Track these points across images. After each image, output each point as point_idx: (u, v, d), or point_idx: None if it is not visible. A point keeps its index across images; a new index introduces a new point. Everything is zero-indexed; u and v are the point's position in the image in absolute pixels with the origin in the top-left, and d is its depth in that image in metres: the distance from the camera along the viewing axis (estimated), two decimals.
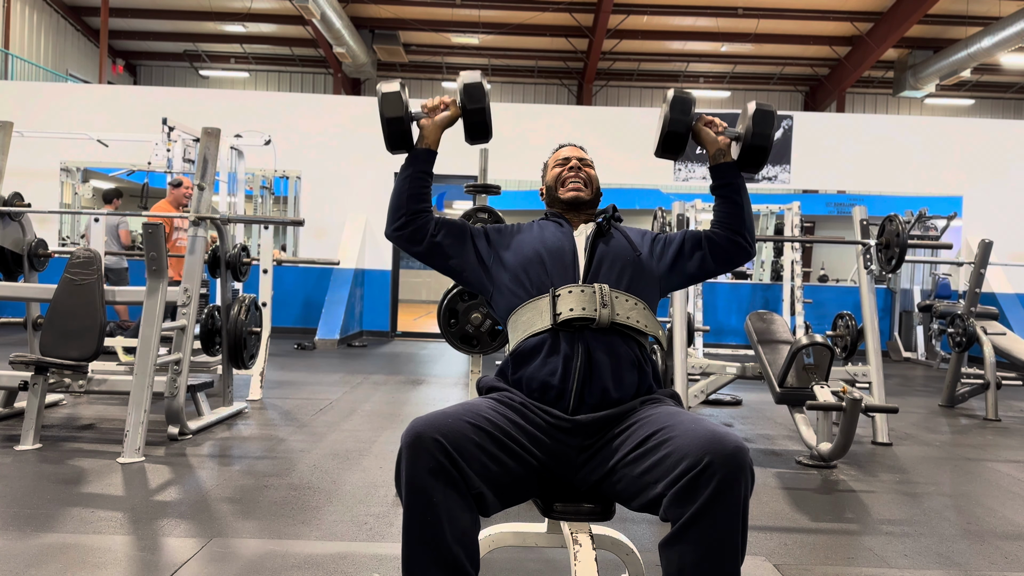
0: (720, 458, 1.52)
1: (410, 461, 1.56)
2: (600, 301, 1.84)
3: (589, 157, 2.20)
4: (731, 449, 1.54)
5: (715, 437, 1.56)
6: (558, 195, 2.11)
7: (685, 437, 1.59)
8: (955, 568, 2.62)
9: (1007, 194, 10.38)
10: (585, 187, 2.10)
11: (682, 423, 1.65)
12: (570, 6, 14.54)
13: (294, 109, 10.55)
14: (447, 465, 1.55)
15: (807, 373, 3.96)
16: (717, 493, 1.51)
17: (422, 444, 1.55)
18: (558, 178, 2.13)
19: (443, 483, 1.55)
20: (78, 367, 3.80)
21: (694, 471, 1.53)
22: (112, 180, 14.13)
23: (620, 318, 1.84)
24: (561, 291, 1.86)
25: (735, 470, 1.52)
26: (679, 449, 1.58)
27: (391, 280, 10.39)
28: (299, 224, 4.88)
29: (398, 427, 4.61)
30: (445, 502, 1.54)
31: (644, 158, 10.17)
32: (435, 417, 1.61)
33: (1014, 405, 6.23)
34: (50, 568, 2.32)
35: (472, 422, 1.63)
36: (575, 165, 2.12)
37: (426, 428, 1.57)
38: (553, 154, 2.21)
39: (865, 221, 4.92)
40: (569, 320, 1.82)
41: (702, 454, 1.53)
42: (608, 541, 1.98)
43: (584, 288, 1.86)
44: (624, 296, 1.89)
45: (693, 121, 2.05)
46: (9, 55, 13.82)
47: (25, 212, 4.65)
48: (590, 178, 2.13)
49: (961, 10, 13.90)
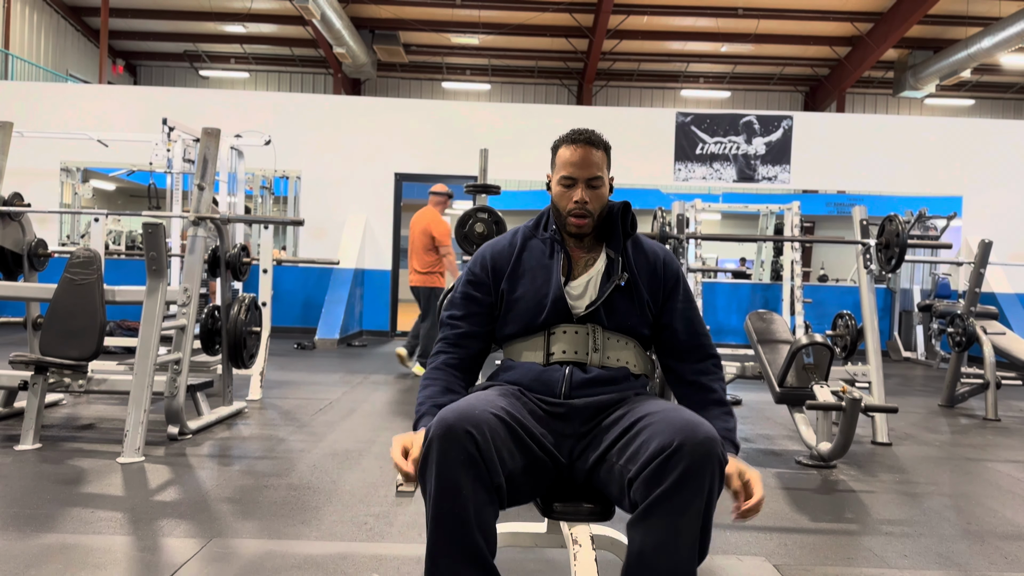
0: (690, 445, 1.55)
1: (441, 452, 1.56)
2: (592, 345, 1.87)
3: (600, 160, 1.93)
4: (701, 437, 1.56)
5: (688, 424, 1.59)
6: (562, 220, 1.95)
7: (661, 424, 1.63)
8: (955, 568, 2.62)
9: (1007, 194, 10.38)
10: (588, 217, 1.91)
11: (662, 411, 1.68)
12: (570, 6, 14.54)
13: (294, 109, 10.55)
14: (477, 457, 1.56)
15: (807, 373, 3.96)
16: (683, 478, 1.53)
17: (454, 436, 1.56)
18: (562, 198, 1.93)
19: (472, 475, 1.56)
20: (78, 367, 3.79)
21: (663, 455, 1.55)
22: (112, 180, 14.15)
23: (610, 361, 1.88)
24: (556, 330, 1.88)
25: (703, 457, 1.54)
26: (654, 435, 1.61)
27: (391, 280, 10.39)
28: (299, 224, 4.88)
29: (398, 427, 4.61)
30: (473, 494, 1.56)
31: (644, 158, 10.18)
32: (464, 408, 1.62)
33: (1014, 405, 6.23)
34: (50, 568, 2.32)
35: (496, 413, 1.65)
36: (581, 199, 1.89)
37: (458, 420, 1.58)
38: (563, 147, 1.94)
39: (865, 221, 4.92)
40: (561, 360, 1.87)
41: (672, 438, 1.56)
42: (608, 541, 1.98)
43: (578, 329, 1.88)
44: (616, 336, 1.90)
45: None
46: (9, 55, 13.82)
47: (25, 212, 4.65)
48: (598, 199, 1.91)
49: (961, 10, 13.91)
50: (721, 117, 10.60)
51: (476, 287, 1.96)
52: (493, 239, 2.05)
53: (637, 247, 1.97)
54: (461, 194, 5.42)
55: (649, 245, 2.00)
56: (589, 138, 1.93)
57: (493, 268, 1.95)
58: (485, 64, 17.85)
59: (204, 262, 4.48)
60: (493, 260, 1.96)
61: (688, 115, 10.59)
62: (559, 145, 1.97)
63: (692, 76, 18.12)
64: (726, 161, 10.47)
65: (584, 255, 1.95)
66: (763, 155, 10.47)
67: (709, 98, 18.56)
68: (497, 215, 4.07)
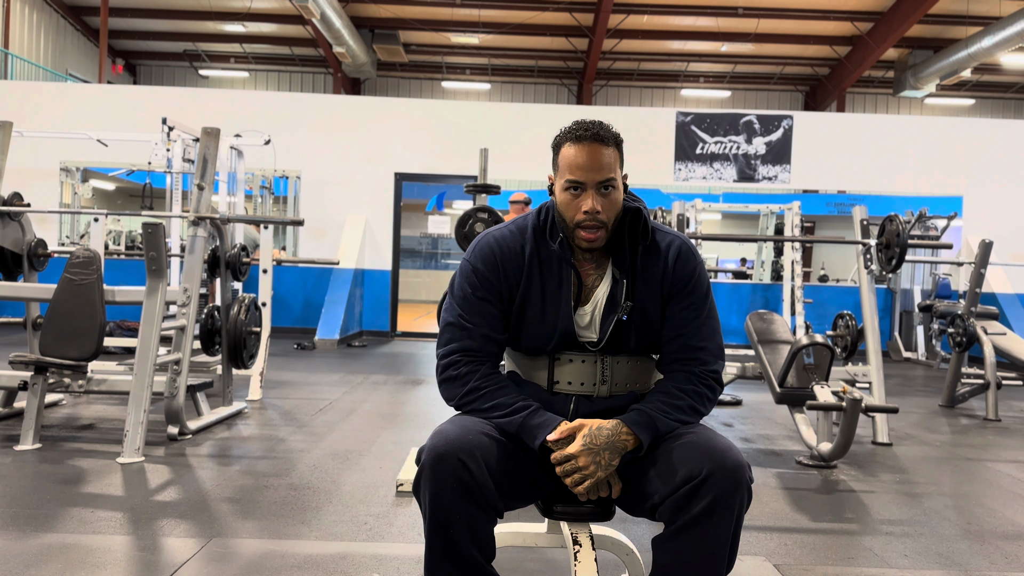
0: (719, 473, 1.52)
1: (433, 480, 1.54)
2: (600, 376, 1.75)
3: (612, 159, 1.68)
4: (731, 466, 1.53)
5: (716, 451, 1.56)
6: (570, 233, 1.71)
7: (687, 448, 1.59)
8: (955, 568, 2.62)
9: (1007, 194, 10.38)
10: (601, 228, 1.67)
11: (687, 432, 1.65)
12: (570, 6, 14.54)
13: (294, 109, 10.55)
14: (470, 483, 1.54)
15: (807, 373, 3.96)
16: (712, 508, 1.52)
17: (445, 465, 1.54)
18: (569, 208, 1.68)
19: (466, 500, 1.54)
20: (78, 367, 3.79)
21: (692, 483, 1.53)
22: (112, 180, 14.15)
23: (619, 388, 1.77)
24: (562, 357, 1.76)
25: (732, 487, 1.53)
26: (680, 459, 1.58)
27: (391, 280, 10.39)
28: (299, 224, 4.88)
29: (398, 427, 4.61)
30: (466, 516, 1.55)
31: (644, 158, 10.17)
32: (455, 435, 1.58)
33: (1014, 405, 6.23)
34: (50, 568, 2.32)
35: (489, 434, 1.62)
36: (592, 209, 1.65)
37: (448, 448, 1.55)
38: (567, 145, 1.69)
39: (865, 221, 4.92)
40: (566, 392, 1.76)
41: (701, 466, 1.53)
42: (608, 541, 1.98)
43: (585, 358, 1.75)
44: (626, 359, 1.77)
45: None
46: (9, 55, 13.82)
47: (25, 212, 4.65)
48: (611, 206, 1.67)
49: (961, 10, 13.90)
50: (721, 117, 10.59)
51: (488, 289, 1.74)
52: (497, 231, 1.78)
53: (651, 250, 1.75)
54: (461, 194, 5.42)
55: (665, 243, 1.75)
56: (597, 133, 1.67)
57: (504, 273, 1.74)
58: (485, 64, 17.84)
59: (204, 262, 4.48)
60: (504, 264, 1.74)
61: (688, 115, 10.58)
62: (562, 142, 1.70)
63: (692, 76, 18.11)
64: (726, 161, 10.47)
65: (593, 272, 1.76)
66: (763, 155, 10.47)
67: (709, 98, 18.55)
68: (497, 215, 4.05)
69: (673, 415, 1.66)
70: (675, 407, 1.67)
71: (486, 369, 1.72)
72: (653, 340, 1.77)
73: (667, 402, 1.68)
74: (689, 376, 1.71)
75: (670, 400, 1.68)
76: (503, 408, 1.66)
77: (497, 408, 1.67)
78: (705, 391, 1.71)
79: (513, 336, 1.78)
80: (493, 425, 1.66)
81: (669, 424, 1.65)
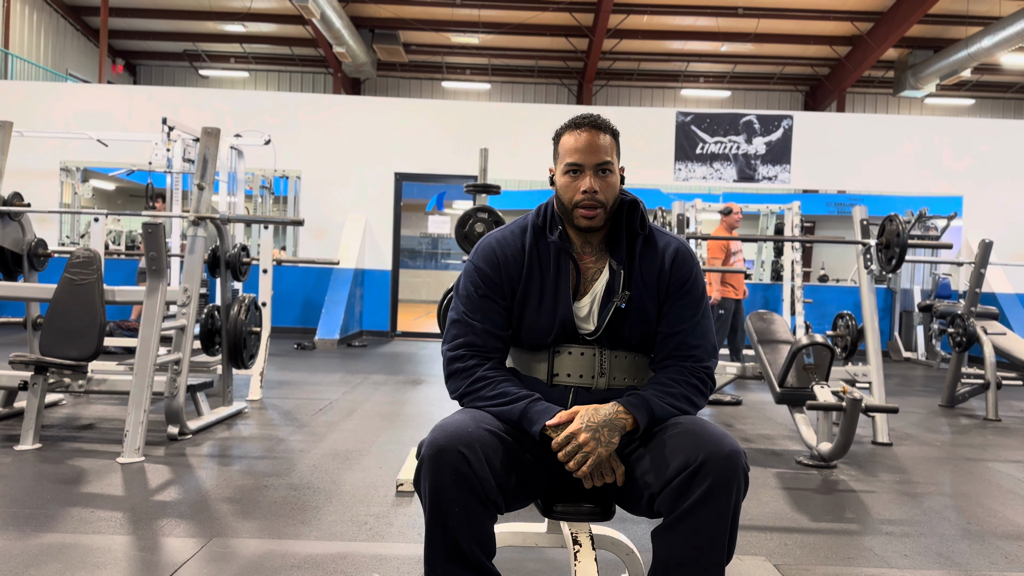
0: (715, 460, 1.54)
1: (432, 474, 1.56)
2: (599, 368, 1.80)
3: (608, 145, 1.76)
4: (726, 452, 1.55)
5: (711, 438, 1.58)
6: (569, 216, 1.78)
7: (682, 437, 1.61)
8: (955, 568, 2.62)
9: (1007, 194, 10.38)
10: (599, 208, 1.74)
11: (681, 423, 1.66)
12: (570, 6, 14.54)
13: (294, 109, 10.55)
14: (470, 475, 1.55)
15: (807, 373, 3.96)
16: (709, 494, 1.53)
17: (445, 457, 1.55)
18: (568, 189, 1.76)
19: (466, 492, 1.55)
20: (78, 367, 3.79)
21: (688, 470, 1.55)
22: (112, 180, 14.16)
23: (617, 381, 1.81)
24: (561, 349, 1.80)
25: (728, 473, 1.54)
26: (675, 448, 1.60)
27: (391, 280, 10.39)
28: (299, 224, 4.88)
29: (398, 427, 4.61)
30: (466, 510, 1.56)
31: (644, 157, 10.17)
32: (456, 427, 1.60)
33: (1014, 405, 6.23)
34: (50, 568, 2.32)
35: (490, 429, 1.64)
36: (590, 188, 1.72)
37: (448, 441, 1.56)
38: (567, 134, 1.78)
39: (865, 221, 4.92)
40: (565, 384, 1.81)
41: (696, 454, 1.55)
42: (608, 541, 1.98)
43: (584, 351, 1.80)
44: (624, 353, 1.81)
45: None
46: (9, 55, 13.82)
47: (25, 212, 4.65)
48: (608, 187, 1.75)
49: (961, 10, 13.90)
50: (721, 117, 10.59)
51: (490, 287, 1.80)
52: (498, 233, 1.85)
53: (648, 246, 1.80)
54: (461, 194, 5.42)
55: (663, 243, 1.81)
56: (594, 122, 1.76)
57: (506, 270, 1.80)
58: (485, 63, 17.84)
59: (204, 262, 4.48)
60: (505, 262, 1.80)
61: (688, 115, 10.58)
62: (562, 132, 1.80)
63: (692, 76, 18.11)
64: (726, 161, 10.47)
65: (592, 263, 1.81)
66: (763, 155, 10.47)
67: (709, 98, 18.54)
68: (497, 215, 4.05)
69: (668, 401, 1.71)
70: (670, 394, 1.72)
71: (490, 364, 1.78)
72: (649, 337, 1.81)
73: (662, 390, 1.73)
74: (682, 370, 1.77)
75: (665, 388, 1.73)
76: (505, 397, 1.71)
77: (499, 398, 1.71)
78: (698, 384, 1.77)
79: (515, 331, 1.82)
80: (494, 418, 1.68)
81: (664, 409, 1.70)
